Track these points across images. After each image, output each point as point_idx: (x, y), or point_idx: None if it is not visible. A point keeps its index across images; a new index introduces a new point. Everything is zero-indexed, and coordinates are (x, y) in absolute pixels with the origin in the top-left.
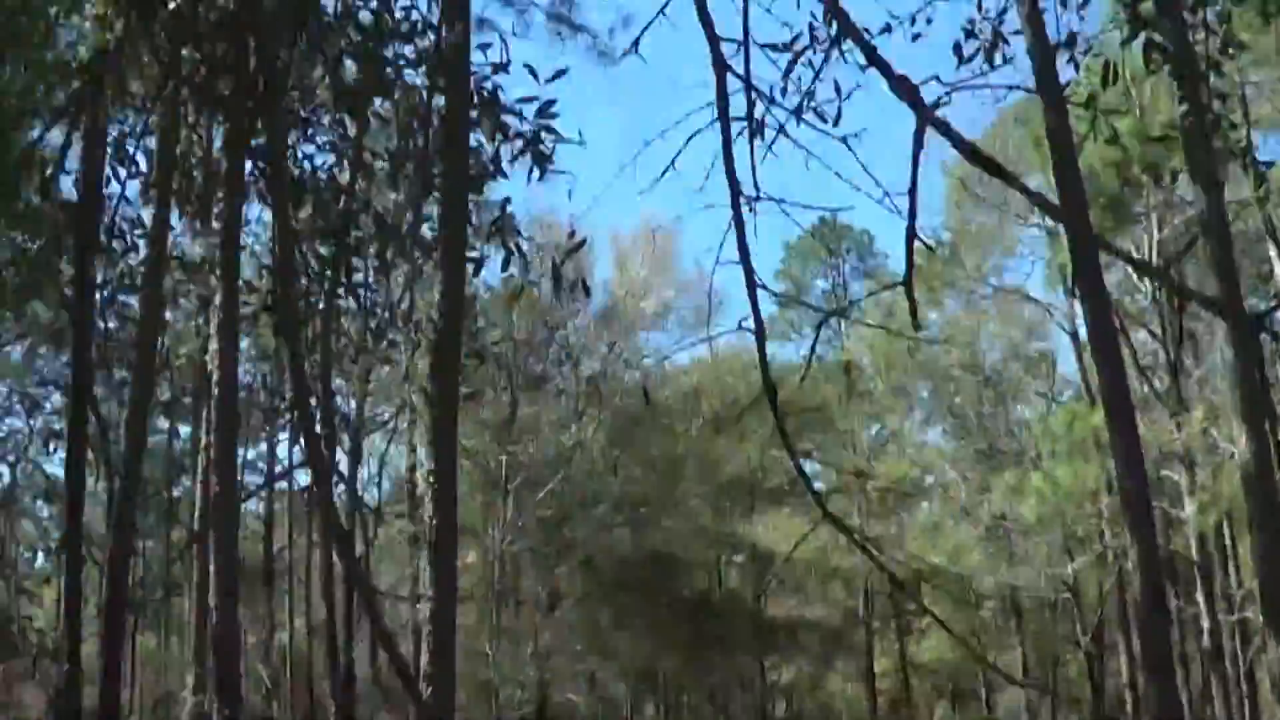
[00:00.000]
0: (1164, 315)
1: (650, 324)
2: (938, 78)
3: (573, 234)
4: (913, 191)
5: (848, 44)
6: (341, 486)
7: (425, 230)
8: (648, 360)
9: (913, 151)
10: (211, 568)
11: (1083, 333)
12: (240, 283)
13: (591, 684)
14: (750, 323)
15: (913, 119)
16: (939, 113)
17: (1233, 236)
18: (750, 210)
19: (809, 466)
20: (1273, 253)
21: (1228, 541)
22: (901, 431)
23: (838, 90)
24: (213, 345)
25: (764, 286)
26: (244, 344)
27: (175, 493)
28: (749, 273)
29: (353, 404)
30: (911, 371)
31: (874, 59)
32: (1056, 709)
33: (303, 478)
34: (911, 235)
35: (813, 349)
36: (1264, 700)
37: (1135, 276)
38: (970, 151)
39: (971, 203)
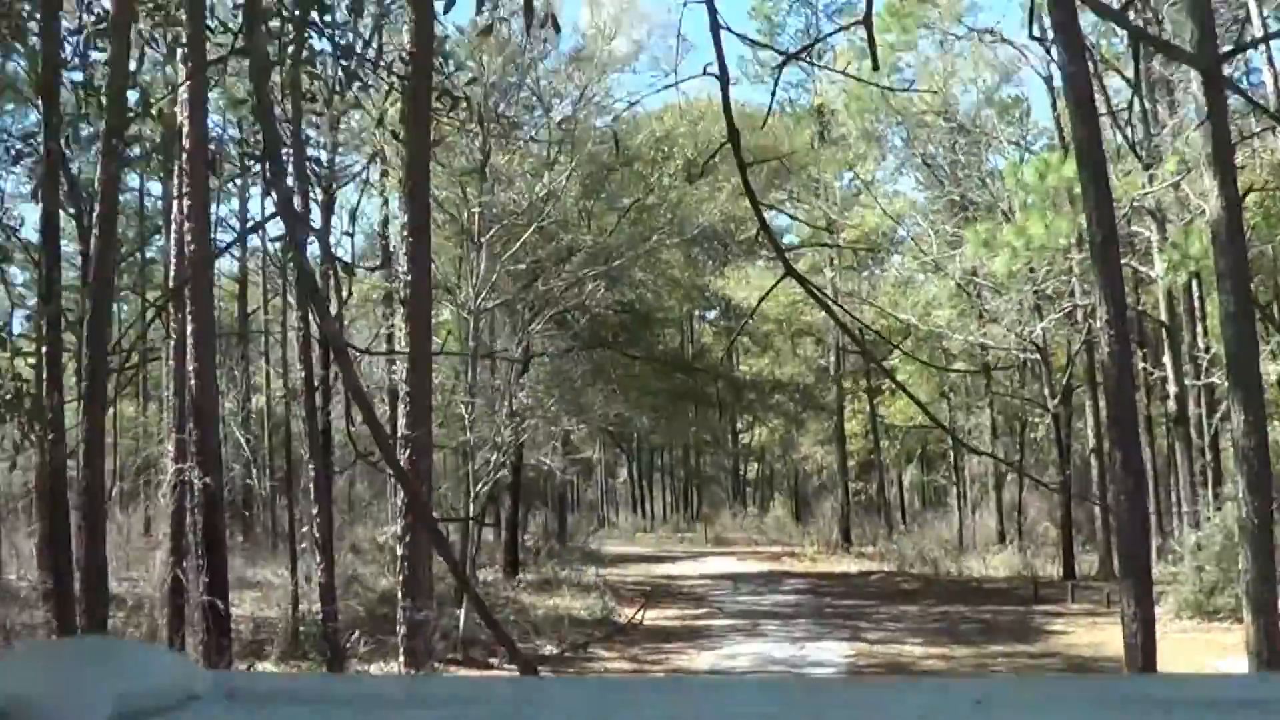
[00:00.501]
0: (1139, 61)
1: (621, 65)
2: None
3: None
4: None
5: None
6: (315, 241)
7: None
8: (619, 104)
9: None
10: (188, 331)
11: (1057, 78)
12: (209, 24)
13: (565, 445)
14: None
15: None
16: None
17: None
18: None
19: (779, 218)
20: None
21: (1196, 303)
22: (873, 182)
23: None
24: (182, 94)
25: (727, 28)
26: (214, 94)
27: (149, 253)
28: (712, 12)
29: (324, 154)
30: (885, 117)
31: None
32: (1023, 472)
33: (275, 233)
34: None
35: (773, 94)
36: (1227, 468)
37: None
38: None
39: None
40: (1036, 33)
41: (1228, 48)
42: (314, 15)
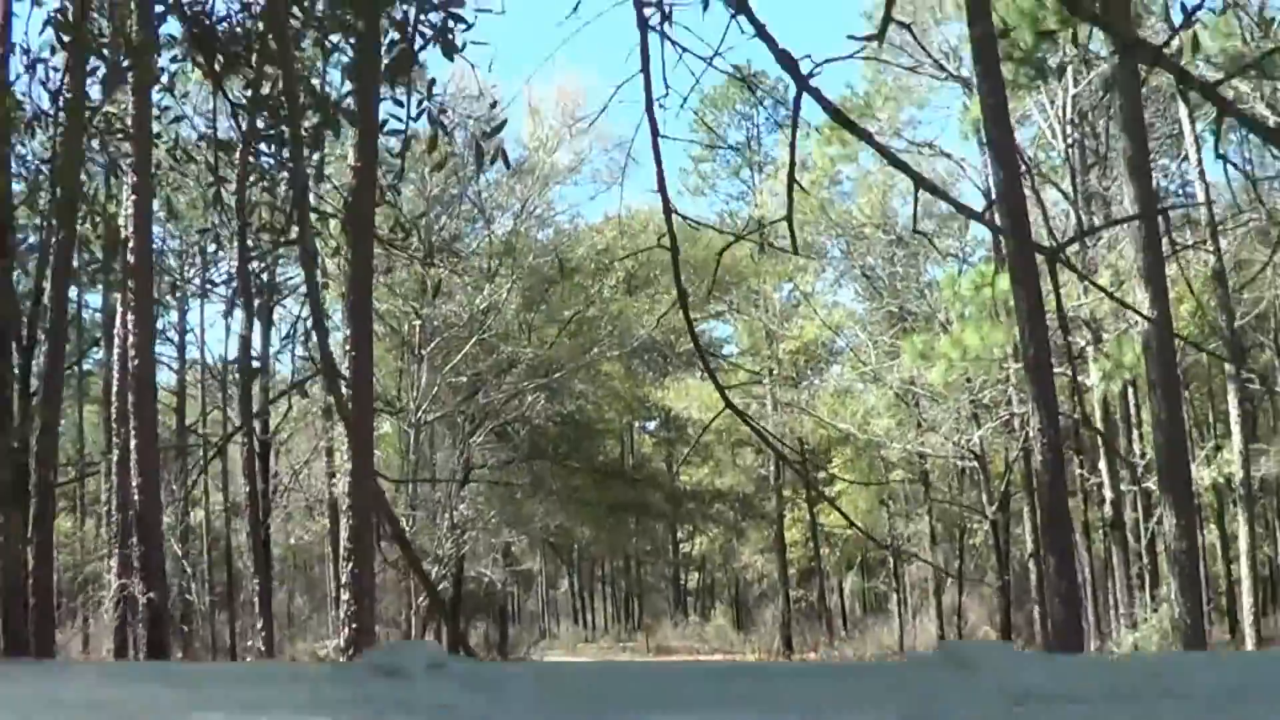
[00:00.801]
0: (1075, 175)
1: (563, 178)
2: None
3: (494, 105)
4: (792, 146)
5: None
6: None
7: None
8: (560, 218)
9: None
10: (132, 445)
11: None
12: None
13: (506, 557)
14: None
15: None
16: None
17: (1144, 95)
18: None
19: (722, 328)
20: (1183, 113)
21: (1132, 410)
22: (813, 293)
23: None
24: (127, 206)
25: (667, 136)
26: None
27: (86, 365)
28: (653, 125)
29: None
30: (824, 228)
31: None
32: (963, 578)
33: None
34: (791, 182)
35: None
36: (1163, 571)
37: (1049, 133)
38: (834, 112)
39: (888, 54)
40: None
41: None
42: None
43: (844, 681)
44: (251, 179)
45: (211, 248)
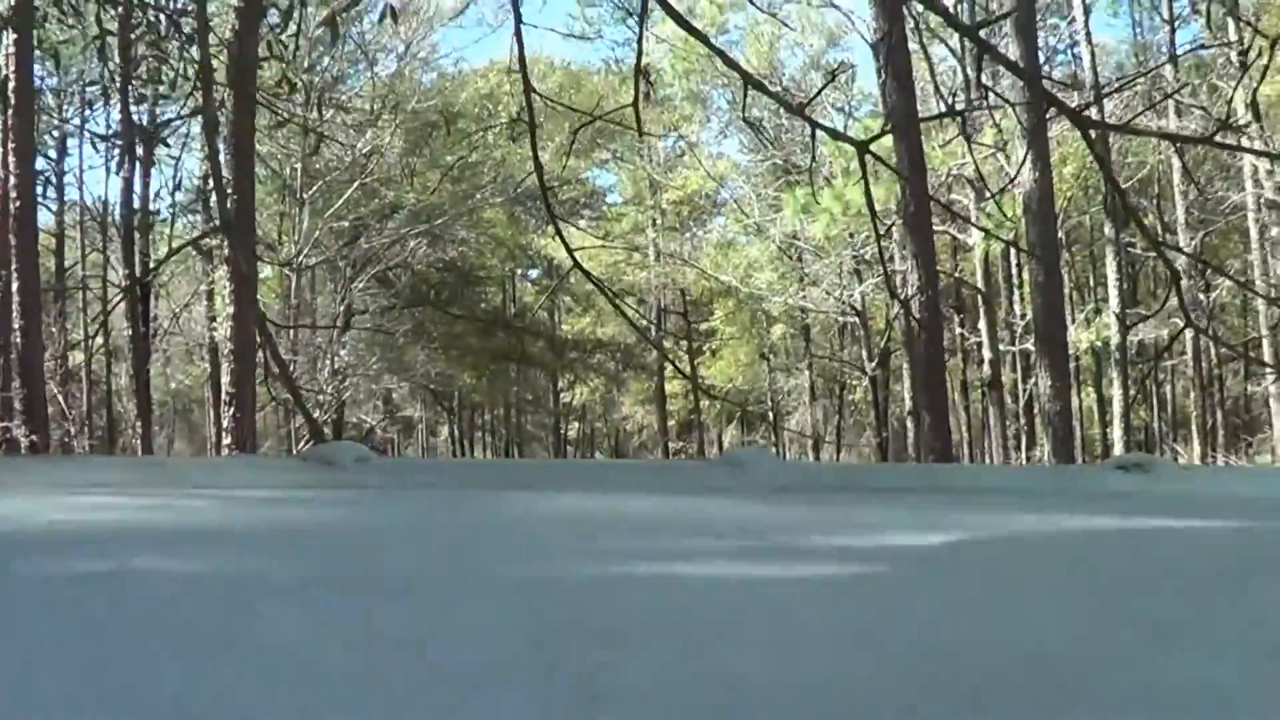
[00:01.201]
0: (964, 35)
1: (447, 20)
2: None
3: None
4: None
5: None
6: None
7: None
8: (445, 61)
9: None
10: (14, 287)
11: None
12: None
13: (387, 404)
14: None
15: None
16: None
17: None
18: None
19: (602, 176)
20: None
21: (1014, 271)
22: (697, 144)
23: None
24: (7, 45)
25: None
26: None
27: None
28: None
29: (146, 106)
30: (710, 78)
31: None
32: (841, 434)
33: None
34: (638, 72)
35: None
36: (1039, 433)
37: None
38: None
39: None
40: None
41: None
42: None
43: (658, 475)
44: (137, 33)
45: (95, 88)
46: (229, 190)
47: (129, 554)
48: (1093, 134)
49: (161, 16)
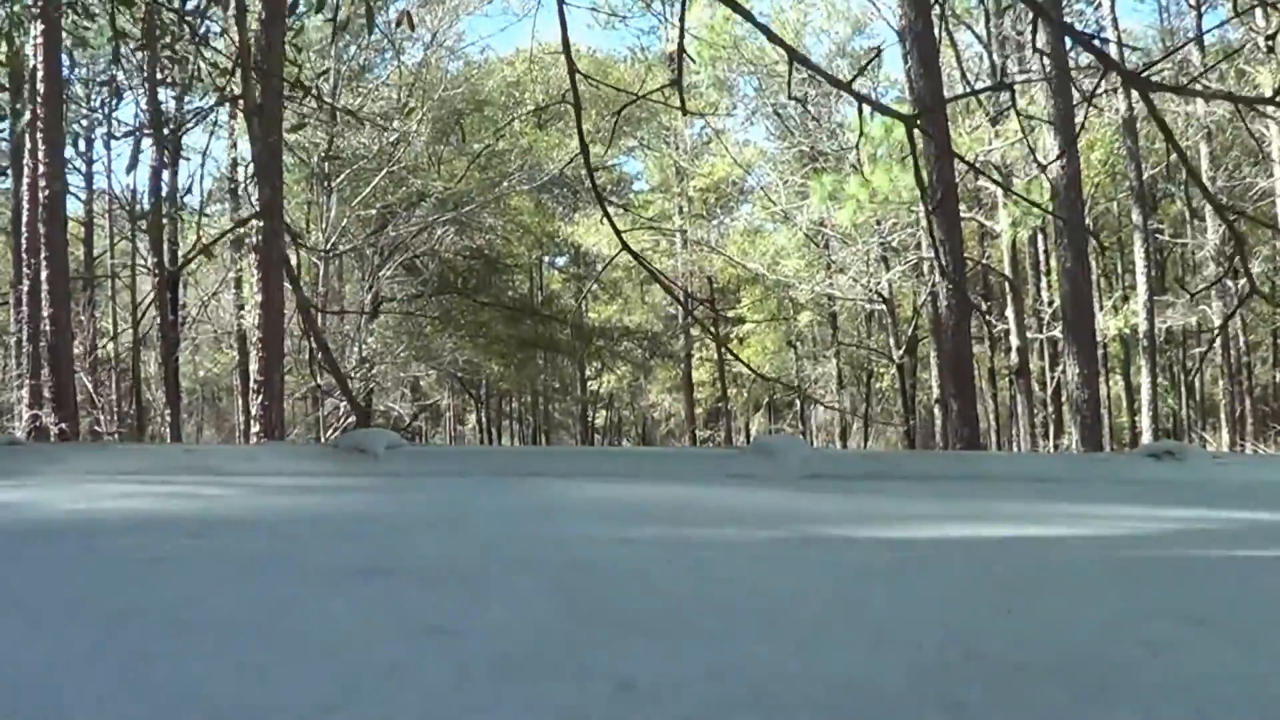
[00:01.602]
0: (989, 18)
1: (474, 8)
2: None
3: None
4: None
5: None
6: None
7: None
8: (471, 49)
9: None
10: (43, 275)
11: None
12: None
13: (415, 391)
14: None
15: None
16: None
17: None
18: None
19: (631, 164)
20: None
21: (1041, 258)
22: (723, 130)
23: None
24: (36, 36)
25: None
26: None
27: None
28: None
29: (172, 94)
30: (736, 66)
31: None
32: (869, 422)
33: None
34: (680, 50)
35: None
36: (1067, 421)
37: None
38: None
39: None
40: None
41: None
42: None
43: (688, 462)
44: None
45: (121, 78)
46: (258, 181)
47: (159, 541)
48: (1121, 116)
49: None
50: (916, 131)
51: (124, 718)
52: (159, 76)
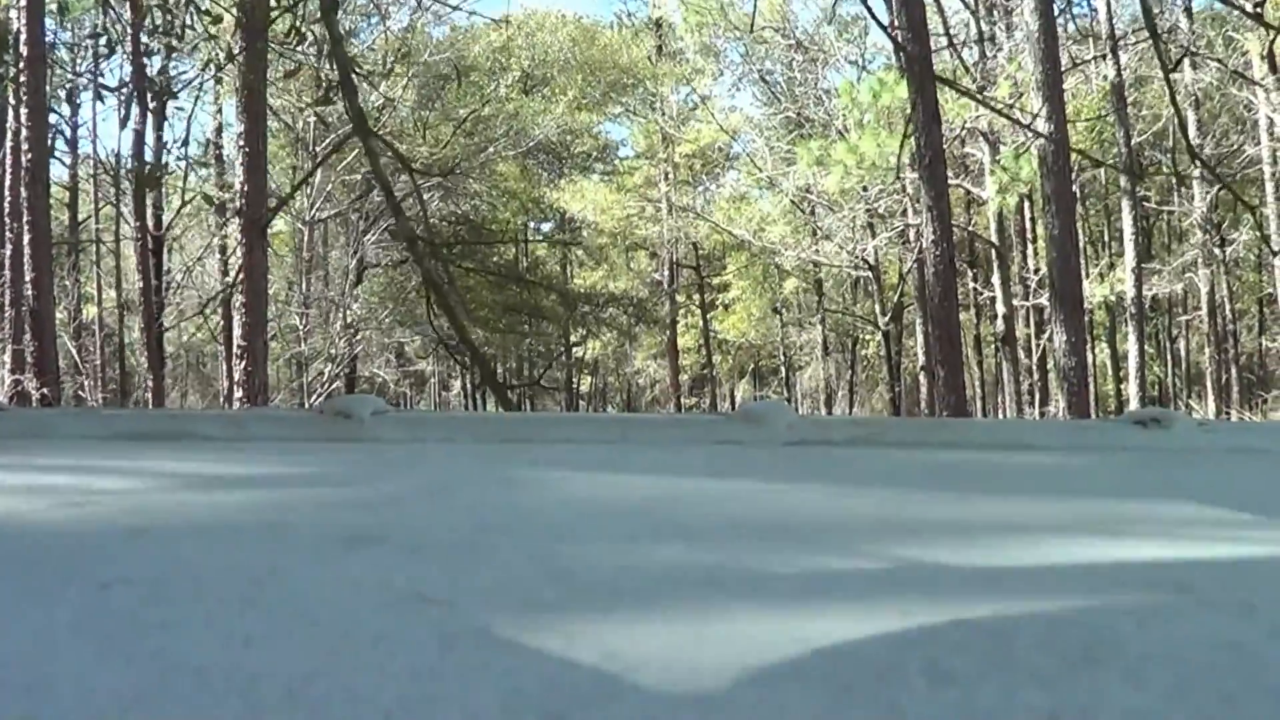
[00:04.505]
0: None
1: None
2: None
3: None
4: None
5: None
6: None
7: None
8: (457, 14)
9: None
10: (25, 240)
11: None
12: None
13: (399, 357)
14: None
15: None
16: None
17: None
18: None
19: (615, 131)
20: None
21: (1027, 225)
22: (710, 97)
23: None
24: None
25: None
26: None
27: None
28: None
29: (158, 60)
30: (723, 32)
31: None
32: (855, 388)
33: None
34: None
35: None
36: (1053, 389)
37: None
38: None
39: None
40: None
41: None
42: None
43: (674, 428)
44: None
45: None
46: (241, 144)
47: (144, 510)
48: (1109, 82)
49: None
50: (905, 96)
51: (108, 687)
52: (147, 31)
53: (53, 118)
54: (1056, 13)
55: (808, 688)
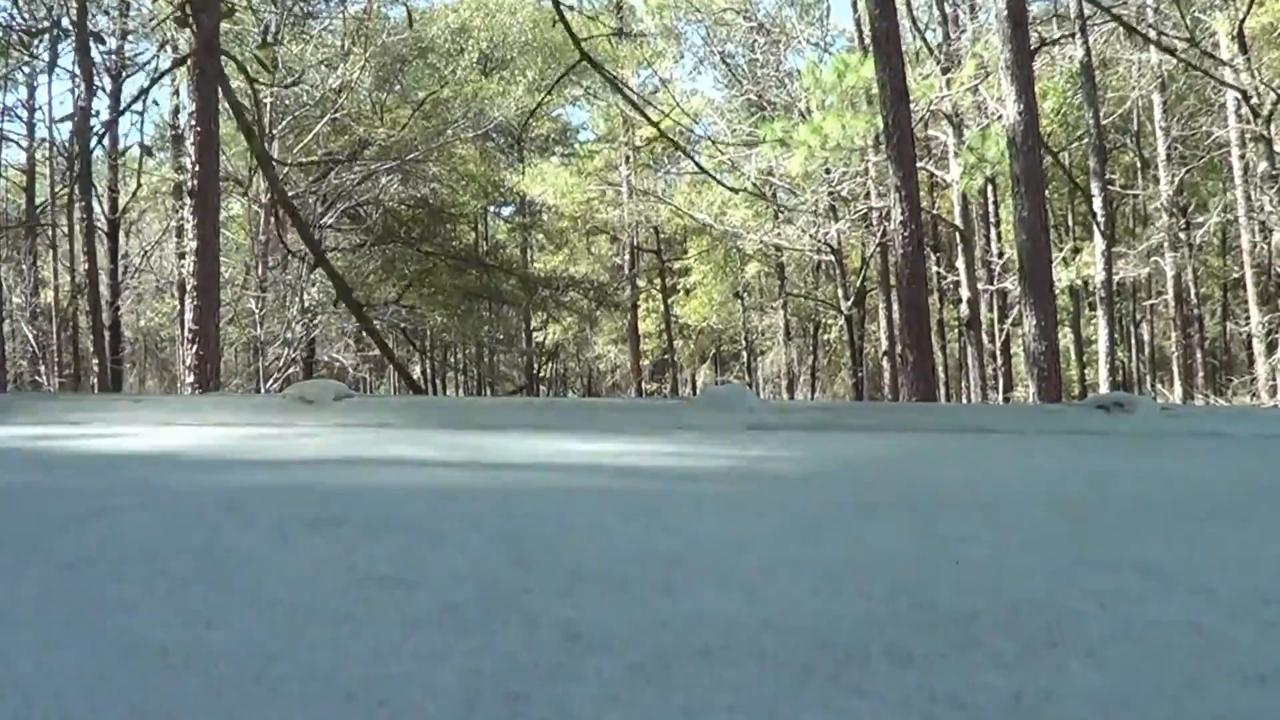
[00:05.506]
0: None
1: None
2: None
3: None
4: None
5: None
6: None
7: None
8: None
9: None
10: None
11: None
12: None
13: (358, 342)
14: None
15: None
16: None
17: None
18: None
19: (574, 114)
20: None
21: (991, 208)
22: (671, 79)
23: None
24: None
25: None
26: None
27: None
28: None
29: (114, 41)
30: (684, 14)
31: None
32: (817, 373)
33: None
34: None
35: None
36: (1018, 373)
37: None
38: None
39: None
40: None
41: None
42: None
43: (636, 413)
44: None
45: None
46: (195, 126)
47: (107, 492)
48: (1077, 63)
49: None
50: (872, 75)
51: (69, 665)
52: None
53: (9, 99)
54: None
55: (768, 667)
